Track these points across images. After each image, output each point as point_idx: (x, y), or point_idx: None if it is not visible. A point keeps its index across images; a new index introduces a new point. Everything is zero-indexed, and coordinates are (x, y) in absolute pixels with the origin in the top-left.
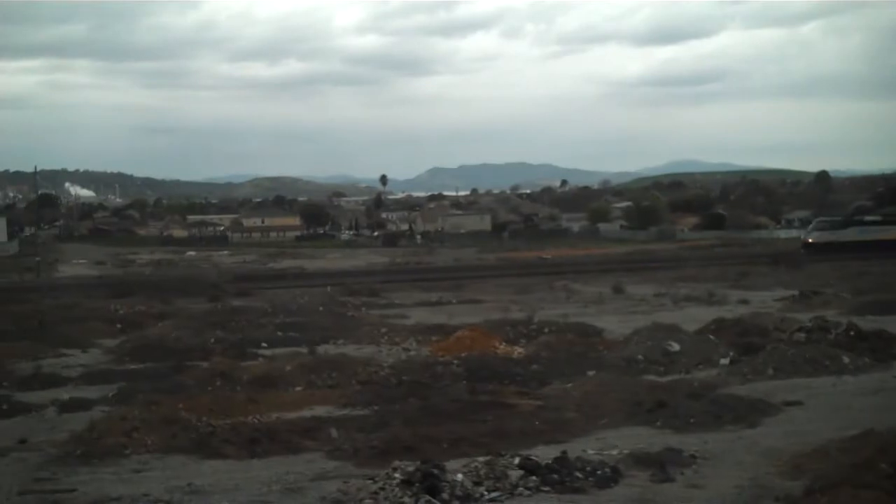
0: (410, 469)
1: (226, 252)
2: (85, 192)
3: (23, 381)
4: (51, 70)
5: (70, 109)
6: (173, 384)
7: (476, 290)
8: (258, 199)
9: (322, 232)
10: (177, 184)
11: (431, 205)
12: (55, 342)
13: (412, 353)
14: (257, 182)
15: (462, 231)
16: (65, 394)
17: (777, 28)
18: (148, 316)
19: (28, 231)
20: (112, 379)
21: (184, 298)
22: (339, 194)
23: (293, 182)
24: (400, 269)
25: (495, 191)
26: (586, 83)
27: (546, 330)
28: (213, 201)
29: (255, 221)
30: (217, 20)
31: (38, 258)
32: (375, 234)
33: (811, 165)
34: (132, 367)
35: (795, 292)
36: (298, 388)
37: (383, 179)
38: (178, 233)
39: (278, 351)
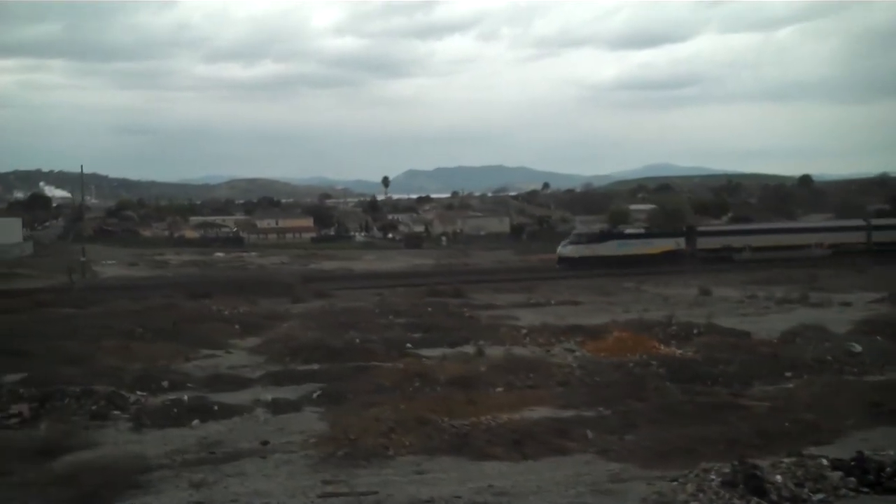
0: (726, 470)
1: (254, 253)
2: (60, 193)
3: (206, 382)
4: (25, 70)
5: (45, 110)
6: (372, 385)
7: (550, 291)
8: (241, 201)
9: (334, 234)
10: (152, 185)
11: (426, 207)
12: (191, 343)
13: (577, 353)
14: (234, 184)
15: (482, 233)
16: (259, 395)
17: (753, 32)
18: (258, 317)
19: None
20: (297, 380)
21: (267, 299)
22: (327, 196)
23: (271, 184)
24: (451, 271)
25: (476, 193)
26: (562, 86)
27: (695, 331)
28: (197, 202)
29: (268, 223)
30: (193, 20)
31: (83, 259)
32: (390, 235)
33: (786, 170)
34: (306, 367)
35: (883, 294)
36: (499, 389)
37: (385, 181)
38: (189, 234)
39: (433, 352)
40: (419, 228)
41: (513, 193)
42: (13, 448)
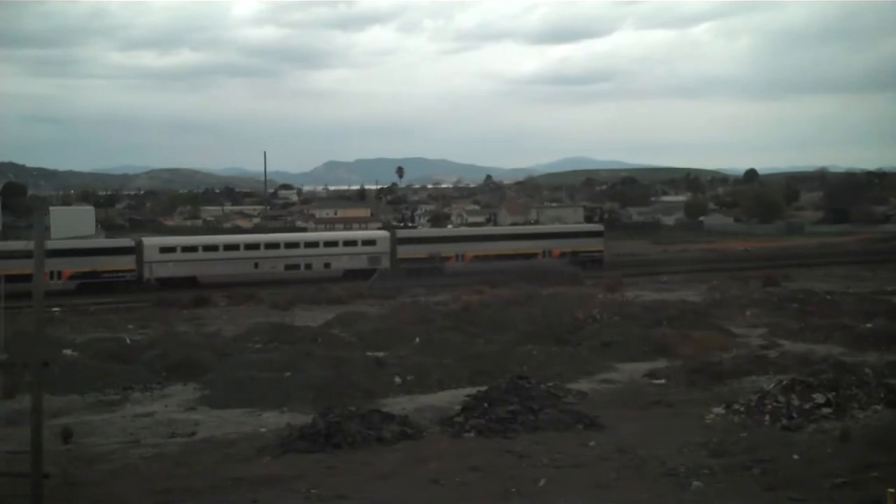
0: None
1: None
2: None
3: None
4: None
5: None
6: None
7: (813, 278)
8: (200, 190)
9: (404, 225)
10: (71, 174)
11: (414, 198)
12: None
13: None
14: (154, 174)
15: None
16: None
17: (668, 29)
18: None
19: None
20: None
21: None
22: (287, 187)
23: (192, 174)
24: (640, 262)
25: (413, 185)
26: (482, 80)
27: None
28: (135, 192)
29: (327, 213)
30: (109, 8)
31: None
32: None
33: (701, 164)
34: None
35: None
36: None
37: (400, 172)
38: (244, 223)
39: None
40: (476, 219)
41: (466, 185)
42: None
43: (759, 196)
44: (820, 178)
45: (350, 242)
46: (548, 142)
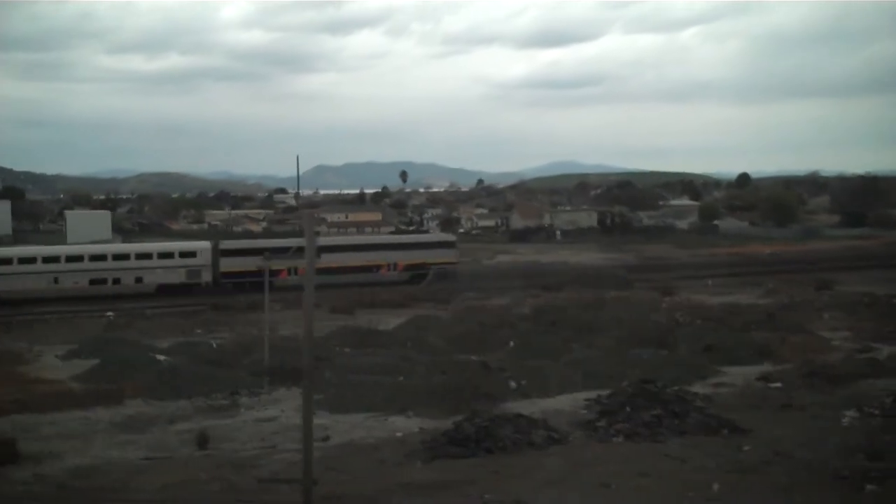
0: None
1: None
2: None
3: None
4: None
5: None
6: None
7: (859, 281)
8: (193, 194)
9: (415, 228)
10: (60, 178)
11: (413, 202)
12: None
13: None
14: (143, 178)
15: (571, 227)
16: None
17: (657, 34)
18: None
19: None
20: None
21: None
22: (283, 191)
23: (181, 178)
24: (674, 266)
25: (405, 189)
26: (471, 84)
27: None
28: (128, 196)
29: (338, 216)
30: (98, 10)
31: None
32: (461, 230)
33: (691, 168)
34: None
35: None
36: None
37: (403, 176)
38: (254, 227)
39: None
40: (486, 223)
41: (458, 188)
42: None
43: (774, 200)
44: (813, 182)
45: (165, 255)
46: (536, 146)
